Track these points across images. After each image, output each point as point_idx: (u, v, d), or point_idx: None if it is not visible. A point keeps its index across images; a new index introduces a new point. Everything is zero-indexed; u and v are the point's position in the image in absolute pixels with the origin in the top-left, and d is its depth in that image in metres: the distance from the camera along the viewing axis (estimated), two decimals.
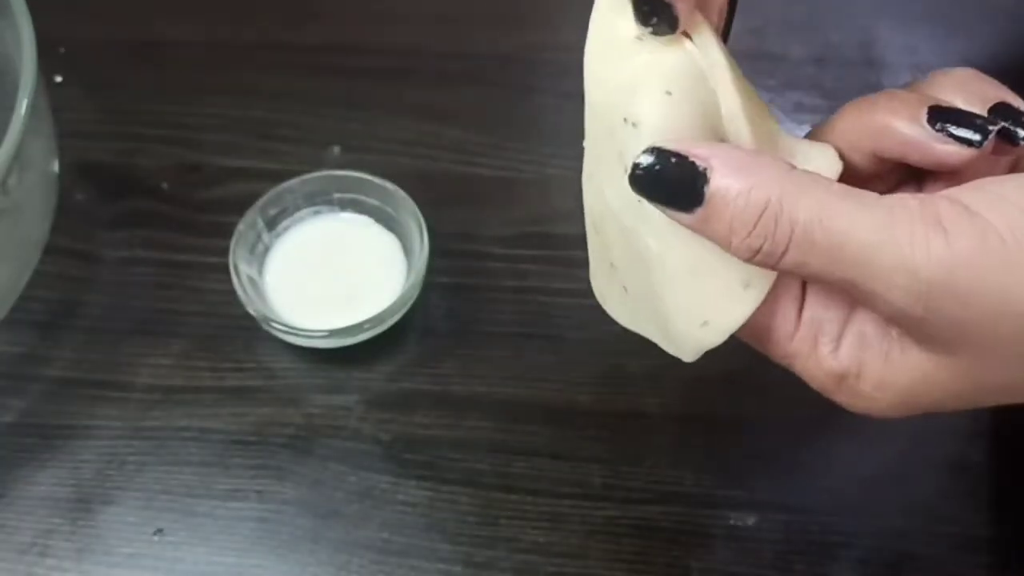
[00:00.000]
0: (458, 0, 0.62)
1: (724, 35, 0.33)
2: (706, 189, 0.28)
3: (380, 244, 0.52)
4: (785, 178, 0.28)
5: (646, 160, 0.29)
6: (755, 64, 0.61)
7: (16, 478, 0.48)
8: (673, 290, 0.31)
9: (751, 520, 0.46)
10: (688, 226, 0.29)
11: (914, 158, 0.30)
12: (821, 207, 0.28)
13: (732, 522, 0.46)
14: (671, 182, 0.29)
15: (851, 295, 0.30)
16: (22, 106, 0.43)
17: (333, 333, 0.49)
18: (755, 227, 0.28)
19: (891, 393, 0.30)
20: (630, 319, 0.35)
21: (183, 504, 0.47)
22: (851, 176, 0.32)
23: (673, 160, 0.29)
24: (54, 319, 0.52)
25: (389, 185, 0.52)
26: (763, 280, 0.31)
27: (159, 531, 0.46)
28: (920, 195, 0.29)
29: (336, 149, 0.57)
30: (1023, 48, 0.61)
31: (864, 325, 0.31)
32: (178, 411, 0.49)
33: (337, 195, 0.53)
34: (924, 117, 0.30)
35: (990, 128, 0.29)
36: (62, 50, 0.60)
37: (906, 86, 0.33)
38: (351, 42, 0.62)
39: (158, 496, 0.47)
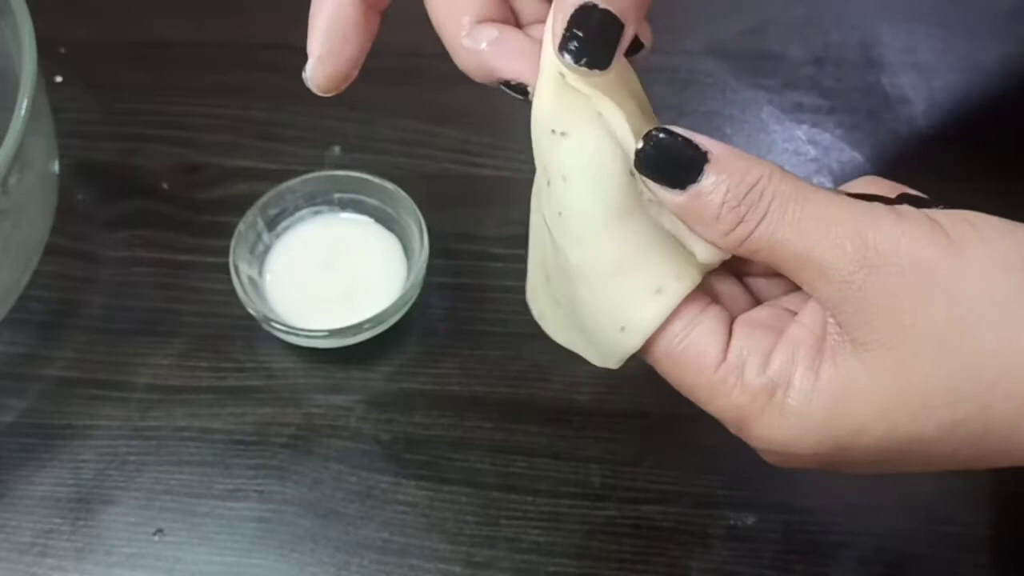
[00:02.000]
0: None
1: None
2: (706, 167, 0.31)
3: (380, 244, 0.53)
4: (775, 166, 0.31)
5: (657, 138, 0.31)
6: (755, 64, 0.61)
7: (16, 478, 0.48)
8: (594, 298, 0.33)
9: (751, 520, 0.46)
10: (682, 206, 0.31)
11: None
12: (801, 187, 0.30)
13: (732, 522, 0.46)
14: (676, 161, 0.31)
15: (801, 277, 0.31)
16: (22, 106, 0.43)
17: (333, 333, 0.49)
18: (746, 196, 0.30)
19: (818, 407, 0.30)
20: (563, 335, 0.36)
21: (183, 504, 0.47)
22: (765, 275, 0.34)
23: (680, 139, 0.31)
24: (54, 319, 0.52)
25: (389, 185, 0.52)
26: (677, 285, 0.32)
27: (159, 531, 0.47)
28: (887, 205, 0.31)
29: (336, 149, 0.57)
30: (1023, 48, 0.61)
31: (796, 345, 0.31)
32: (178, 411, 0.49)
33: (337, 195, 0.53)
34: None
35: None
36: (62, 50, 0.60)
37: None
38: None
39: (158, 496, 0.47)
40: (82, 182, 0.56)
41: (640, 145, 0.31)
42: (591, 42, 0.30)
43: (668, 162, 0.31)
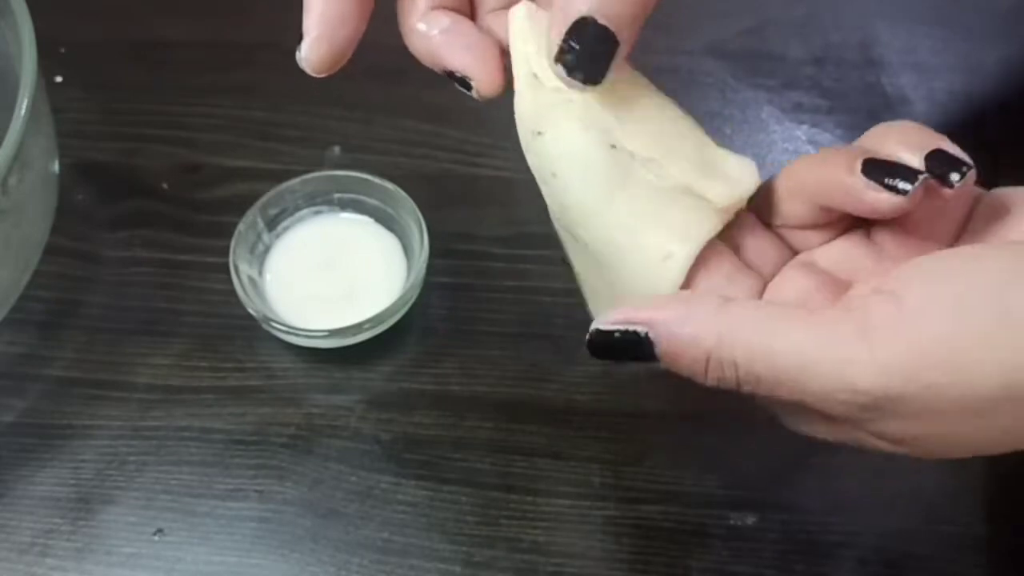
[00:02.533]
0: None
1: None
2: (656, 349, 0.31)
3: (380, 244, 0.52)
4: (720, 319, 0.30)
5: (596, 335, 0.32)
6: (755, 64, 0.61)
7: (16, 478, 0.48)
8: (621, 276, 0.33)
9: (751, 520, 0.46)
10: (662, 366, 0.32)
11: (853, 207, 0.32)
12: (756, 341, 0.30)
13: (732, 522, 0.46)
14: (624, 350, 0.31)
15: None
16: (22, 106, 0.43)
17: (333, 333, 0.49)
18: (708, 368, 0.31)
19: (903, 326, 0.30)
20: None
21: (183, 504, 0.47)
22: (803, 226, 0.34)
23: (617, 334, 0.31)
24: (54, 319, 0.52)
25: (389, 185, 0.52)
26: (682, 248, 0.32)
27: (159, 531, 0.46)
28: (852, 297, 0.30)
29: (336, 149, 0.57)
30: (1023, 48, 0.61)
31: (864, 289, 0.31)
32: (178, 411, 0.49)
33: (337, 195, 0.53)
34: (859, 168, 0.31)
35: (919, 176, 0.31)
36: (62, 50, 0.60)
37: (856, 143, 0.34)
38: None
39: (158, 496, 0.47)
40: (82, 182, 0.56)
41: (587, 337, 0.32)
42: (586, 56, 0.31)
43: (621, 352, 0.31)
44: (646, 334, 0.31)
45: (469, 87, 0.35)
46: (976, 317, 0.28)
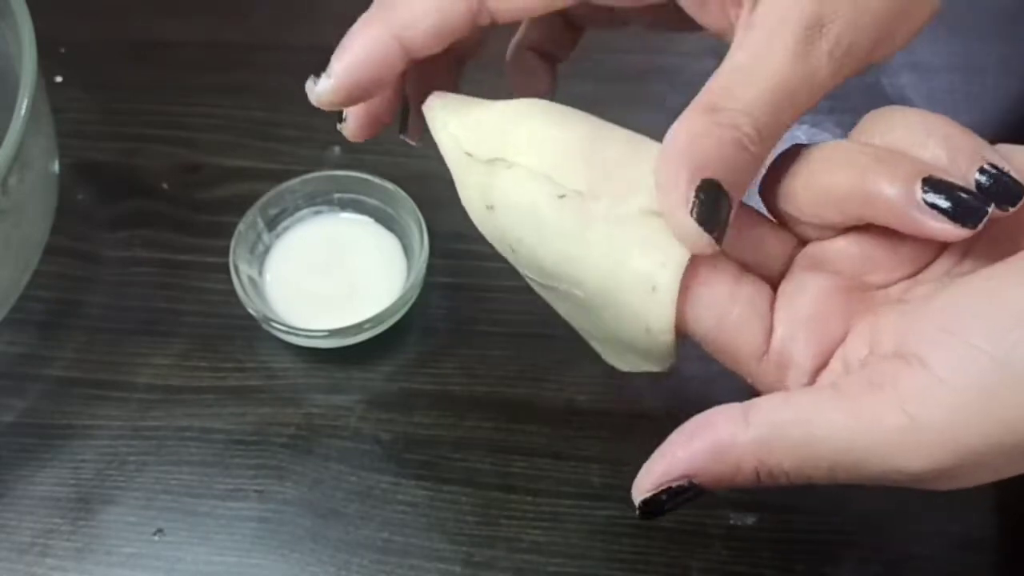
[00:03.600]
0: None
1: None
2: (699, 481, 0.30)
3: (380, 244, 0.53)
4: (752, 437, 0.29)
5: (644, 505, 0.31)
6: None
7: (16, 478, 0.48)
8: (614, 317, 0.33)
9: (751, 520, 0.46)
10: None
11: (903, 228, 0.29)
12: (798, 451, 0.29)
13: (732, 522, 0.46)
14: (676, 503, 0.30)
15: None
16: (22, 106, 0.43)
17: (333, 333, 0.49)
18: (762, 481, 0.29)
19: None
20: (622, 362, 0.36)
21: (183, 504, 0.47)
22: (819, 227, 0.32)
23: (664, 496, 0.30)
24: (54, 319, 0.52)
25: (389, 185, 0.52)
26: (665, 274, 0.31)
27: (159, 531, 0.46)
28: (875, 369, 0.29)
29: (336, 149, 0.57)
30: (1023, 48, 0.61)
31: (853, 353, 0.30)
32: (178, 411, 0.49)
33: (337, 195, 0.53)
34: (919, 190, 0.29)
35: (987, 209, 0.28)
36: (62, 50, 0.60)
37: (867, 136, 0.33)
38: None
39: (158, 496, 0.47)
40: (82, 182, 0.56)
41: (636, 511, 0.31)
42: (712, 214, 0.29)
43: (674, 506, 0.30)
44: (688, 483, 0.30)
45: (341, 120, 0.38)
46: (1010, 366, 0.27)
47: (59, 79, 0.59)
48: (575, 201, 0.32)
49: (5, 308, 0.49)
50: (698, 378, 0.49)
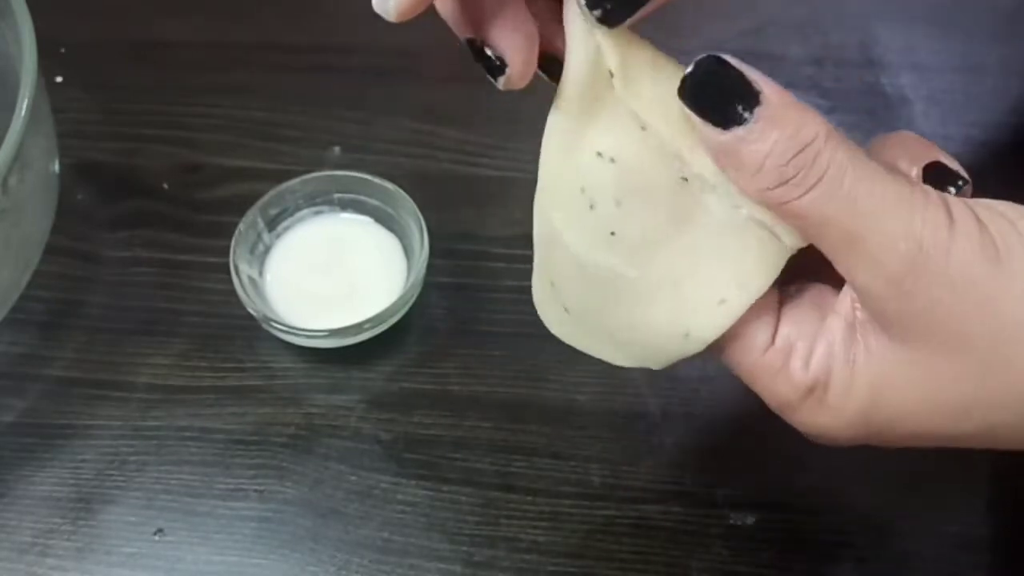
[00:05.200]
0: None
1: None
2: (756, 111, 0.29)
3: (380, 244, 0.52)
4: (830, 125, 0.29)
5: (707, 62, 0.29)
6: (755, 64, 0.60)
7: (16, 478, 0.48)
8: (649, 308, 0.32)
9: (751, 520, 0.46)
10: (723, 146, 0.29)
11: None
12: (856, 157, 0.29)
13: (732, 522, 0.46)
14: (726, 91, 0.29)
15: (843, 259, 0.30)
16: (22, 106, 0.43)
17: (333, 333, 0.49)
18: (796, 156, 0.28)
19: (855, 400, 0.31)
20: (577, 339, 0.36)
21: (183, 504, 0.47)
22: None
23: (732, 73, 0.29)
24: (54, 319, 0.52)
25: (389, 185, 0.52)
26: (739, 295, 0.31)
27: (159, 531, 0.47)
28: (941, 193, 0.29)
29: (336, 149, 0.57)
30: (1023, 48, 0.61)
31: (832, 335, 0.31)
32: (178, 411, 0.49)
33: (337, 195, 0.53)
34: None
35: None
36: (62, 50, 0.60)
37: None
38: (351, 42, 0.62)
39: (158, 496, 0.47)
40: (82, 182, 0.56)
41: (690, 69, 0.29)
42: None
43: (716, 95, 0.29)
44: (758, 91, 0.29)
45: (497, 73, 0.32)
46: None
47: (59, 79, 0.59)
48: (695, 187, 0.31)
49: (5, 308, 0.49)
50: (697, 378, 0.49)
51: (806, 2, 0.63)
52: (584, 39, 0.30)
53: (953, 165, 0.31)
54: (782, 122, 0.29)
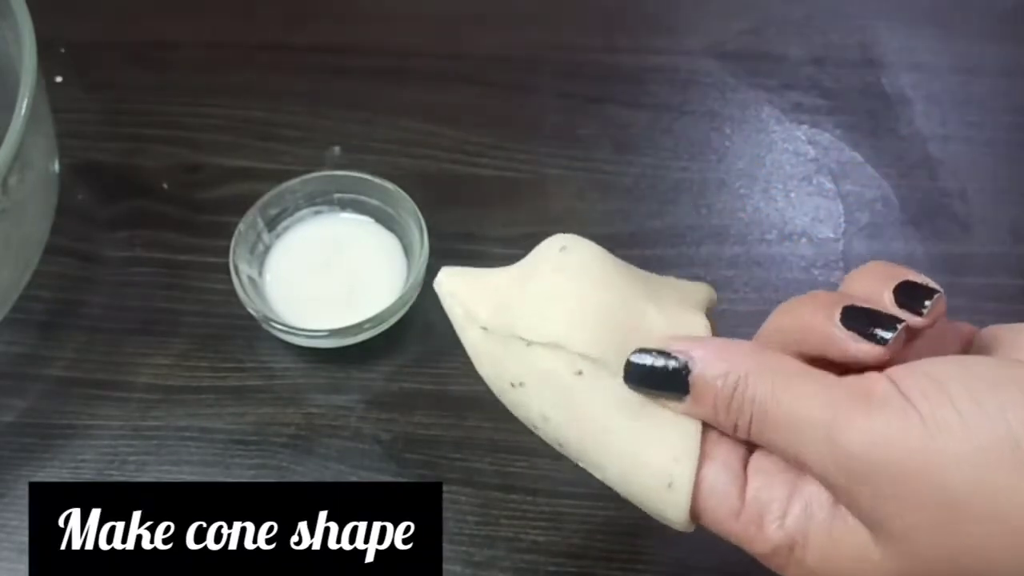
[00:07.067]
0: (457, 0, 0.63)
1: None
2: (690, 378, 0.32)
3: (380, 244, 0.53)
4: (753, 357, 0.32)
5: (631, 365, 0.32)
6: (755, 64, 0.61)
7: (16, 478, 0.48)
8: (628, 492, 0.34)
9: None
10: (683, 411, 0.33)
11: (835, 356, 0.31)
12: (775, 385, 0.31)
13: None
14: (659, 378, 0.32)
15: (799, 467, 0.31)
16: (22, 106, 0.43)
17: (333, 333, 0.49)
18: (728, 405, 0.31)
19: (832, 568, 0.31)
20: None
21: None
22: None
23: (651, 361, 0.32)
24: (54, 319, 0.52)
25: (389, 185, 0.52)
26: (681, 470, 0.32)
27: None
28: (867, 374, 0.30)
29: (336, 149, 0.57)
30: (1023, 48, 0.61)
31: (811, 497, 0.31)
32: (178, 411, 0.49)
33: (337, 195, 0.53)
34: (838, 316, 0.31)
35: (898, 324, 0.31)
36: (62, 50, 0.60)
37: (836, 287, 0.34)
38: (351, 42, 0.62)
39: None
40: (82, 182, 0.56)
41: (623, 373, 0.32)
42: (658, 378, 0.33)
43: (655, 381, 0.32)
44: (685, 364, 0.32)
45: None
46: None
47: (59, 79, 0.59)
48: (590, 374, 0.33)
49: (5, 308, 0.49)
50: None
51: (806, 2, 0.63)
52: (456, 313, 0.36)
53: (921, 279, 0.32)
54: (709, 381, 0.32)
